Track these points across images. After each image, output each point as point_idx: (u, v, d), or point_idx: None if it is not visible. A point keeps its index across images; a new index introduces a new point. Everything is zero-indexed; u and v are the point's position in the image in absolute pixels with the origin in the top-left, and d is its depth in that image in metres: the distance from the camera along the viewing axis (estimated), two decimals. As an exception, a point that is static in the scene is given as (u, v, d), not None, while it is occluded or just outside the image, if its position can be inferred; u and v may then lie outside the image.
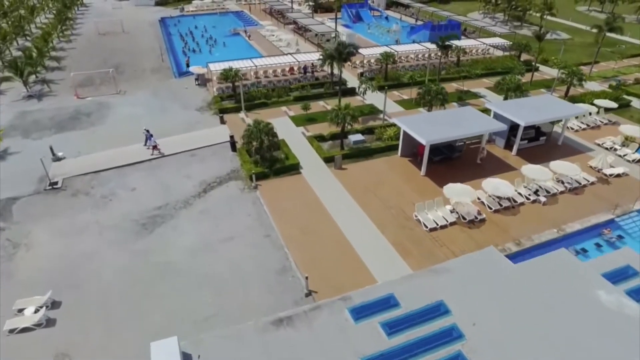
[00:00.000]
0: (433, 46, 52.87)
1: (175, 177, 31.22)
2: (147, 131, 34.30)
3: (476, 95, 45.89)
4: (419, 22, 75.99)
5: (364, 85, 38.77)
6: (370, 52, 49.66)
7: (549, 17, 73.56)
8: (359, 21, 77.13)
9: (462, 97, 44.57)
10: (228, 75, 39.44)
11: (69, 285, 22.19)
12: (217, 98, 42.43)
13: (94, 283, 22.48)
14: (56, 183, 30.60)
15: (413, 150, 33.55)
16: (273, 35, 64.29)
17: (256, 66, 44.74)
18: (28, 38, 65.09)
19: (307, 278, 21.09)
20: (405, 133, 32.21)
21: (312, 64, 48.13)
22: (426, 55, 54.28)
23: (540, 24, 70.52)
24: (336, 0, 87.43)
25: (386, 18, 79.84)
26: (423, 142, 29.44)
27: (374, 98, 42.46)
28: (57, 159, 33.48)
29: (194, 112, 41.60)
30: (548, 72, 53.64)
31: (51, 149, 33.45)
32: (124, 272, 23.18)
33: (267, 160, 30.92)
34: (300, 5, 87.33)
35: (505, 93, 38.86)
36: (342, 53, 37.12)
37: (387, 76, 47.38)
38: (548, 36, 55.83)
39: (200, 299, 21.52)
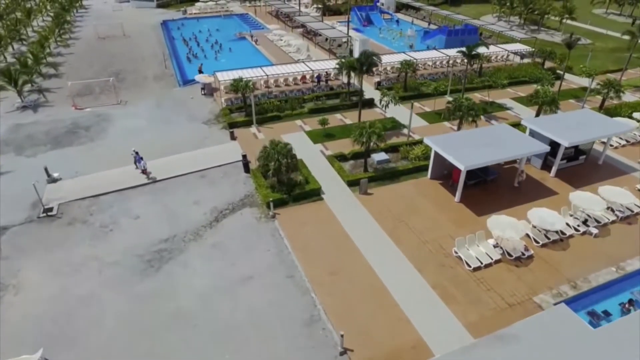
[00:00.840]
0: (454, 53, 50.01)
1: (183, 203, 28.16)
2: (137, 153, 30.94)
3: (502, 107, 42.90)
4: (433, 26, 72.98)
5: (385, 98, 35.74)
6: (388, 60, 46.59)
7: (568, 21, 70.56)
8: (369, 24, 74.12)
9: (488, 110, 41.56)
10: (238, 87, 36.37)
11: (64, 340, 19.14)
12: (225, 110, 39.37)
13: (92, 336, 19.42)
14: (51, 209, 27.54)
15: (444, 172, 30.58)
16: (281, 40, 61.23)
17: (267, 75, 41.65)
18: (24, 42, 61.96)
19: (342, 335, 18.06)
20: (436, 154, 29.23)
21: (326, 72, 45.10)
22: (445, 63, 51.31)
23: (561, 28, 67.67)
24: (344, 2, 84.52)
25: (397, 21, 76.81)
26: (461, 167, 26.43)
27: (395, 111, 39.41)
28: (52, 180, 30.42)
29: (200, 125, 38.53)
30: (574, 80, 50.65)
31: (46, 170, 30.37)
32: (126, 322, 20.14)
33: (285, 184, 27.89)
34: (307, 7, 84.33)
35: (540, 107, 35.85)
36: (364, 64, 34.04)
37: (406, 86, 44.36)
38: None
39: (216, 356, 18.50)
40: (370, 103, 41.80)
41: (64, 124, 39.31)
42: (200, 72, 47.38)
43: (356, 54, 54.55)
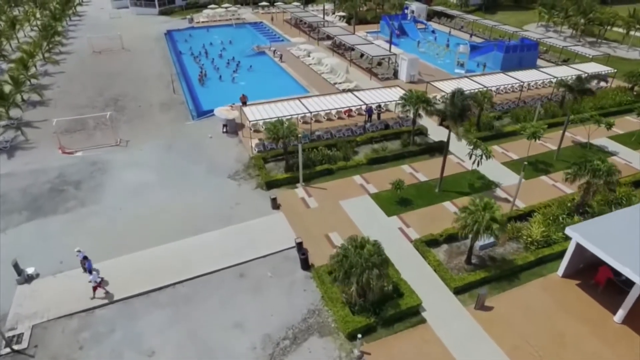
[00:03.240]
0: (533, 77, 41.23)
1: (218, 326, 19.03)
2: (81, 253, 21.40)
3: (603, 151, 34.01)
4: (477, 39, 64.07)
5: (477, 151, 26.74)
6: (452, 88, 37.46)
7: (637, 33, 61.57)
8: (402, 35, 65.15)
9: (589, 156, 32.63)
10: (279, 134, 27.22)
11: None
12: (257, 159, 30.23)
13: None
14: (19, 339, 18.39)
15: (579, 266, 21.69)
16: (309, 57, 52.11)
17: (310, 112, 32.46)
18: (5, 59, 52.48)
19: None
20: (578, 246, 20.33)
21: (379, 105, 36.03)
22: (518, 88, 42.43)
23: (627, 40, 59.01)
24: (368, 9, 75.83)
25: (433, 32, 67.85)
26: (637, 279, 17.50)
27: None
28: (24, 279, 21.26)
29: (227, 181, 29.38)
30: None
31: (16, 266, 21.17)
32: None
33: (368, 298, 18.81)
34: (328, 15, 75.26)
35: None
36: (458, 107, 24.82)
37: (479, 123, 35.40)
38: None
39: None
40: (441, 148, 32.74)
41: (47, 177, 30.07)
42: (244, 103, 37.29)
43: (402, 76, 45.80)
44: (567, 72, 43.04)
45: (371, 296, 18.27)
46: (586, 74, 42.10)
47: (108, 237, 24.15)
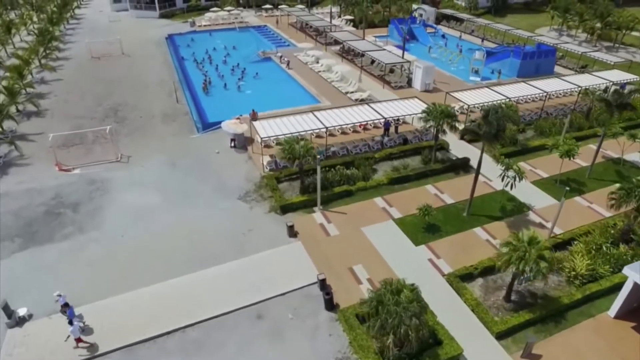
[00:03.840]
0: (556, 86, 39.12)
1: (234, 381, 16.90)
2: (61, 298, 19.04)
3: (637, 167, 31.91)
4: (488, 44, 61.95)
5: (510, 173, 24.56)
6: (475, 100, 35.41)
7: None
8: (412, 40, 62.99)
9: (623, 173, 30.65)
10: (295, 155, 24.98)
11: None
12: (270, 178, 28.05)
13: None
14: (10, 399, 16.22)
15: (633, 305, 19.59)
16: (318, 63, 49.93)
17: (326, 128, 30.22)
18: (0, 65, 50.18)
19: None
20: (635, 285, 18.23)
21: (397, 119, 33.85)
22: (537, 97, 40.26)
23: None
24: (375, 12, 73.89)
25: (443, 36, 65.74)
26: None
27: (494, 171, 28.01)
28: (15, 322, 19.07)
29: (237, 203, 27.18)
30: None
31: (6, 307, 18.96)
32: None
33: (405, 349, 16.63)
34: (334, 18, 73.04)
35: None
36: (493, 127, 22.59)
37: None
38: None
39: None
40: (465, 165, 30.65)
41: (42, 197, 27.86)
42: (254, 118, 33.97)
43: (417, 84, 43.67)
44: (590, 81, 40.98)
45: (409, 348, 16.10)
46: (611, 83, 40.31)
47: (108, 270, 21.95)
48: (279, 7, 77.43)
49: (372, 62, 49.18)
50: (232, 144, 33.11)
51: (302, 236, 23.73)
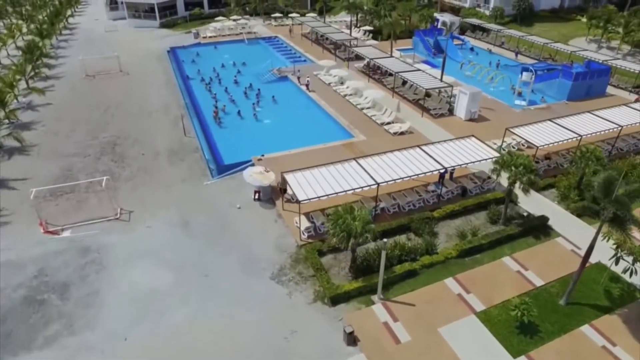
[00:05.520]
0: (629, 116, 33.43)
1: None
2: None
3: None
4: (525, 59, 56.34)
5: (624, 254, 18.82)
6: (542, 138, 29.68)
7: None
8: (439, 54, 57.33)
9: None
10: (351, 232, 19.18)
11: None
12: (310, 252, 22.23)
13: None
14: None
15: None
16: (343, 85, 44.19)
17: (377, 183, 24.19)
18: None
19: None
20: None
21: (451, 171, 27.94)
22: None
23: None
24: (388, 23, 68.19)
25: (471, 49, 60.11)
26: None
27: (583, 236, 22.23)
28: None
29: (269, 284, 21.39)
30: None
31: None
32: None
33: None
34: (347, 27, 67.24)
35: None
36: (627, 207, 16.88)
37: (581, 183, 27.57)
38: None
39: None
40: (544, 227, 24.96)
41: (21, 275, 22.05)
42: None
43: (461, 112, 38.04)
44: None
45: None
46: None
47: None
48: (290, 15, 71.57)
49: (404, 82, 43.47)
50: (256, 196, 27.30)
51: (364, 344, 17.95)
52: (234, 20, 68.64)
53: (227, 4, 75.49)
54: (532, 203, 26.66)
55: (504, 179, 24.90)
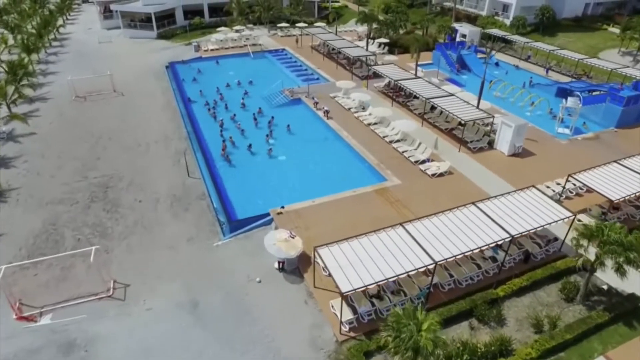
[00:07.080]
0: None
1: None
2: None
3: None
4: (556, 76, 51.73)
5: None
6: (616, 189, 25.00)
7: None
8: (463, 69, 52.77)
9: None
10: (418, 349, 14.47)
11: None
12: (355, 354, 17.45)
13: None
14: None
15: None
16: (365, 111, 39.43)
17: (435, 262, 19.37)
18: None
19: None
20: None
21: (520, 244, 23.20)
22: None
23: None
24: (406, 32, 63.72)
25: (496, 64, 55.34)
26: None
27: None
28: None
29: (306, 401, 16.72)
30: None
31: None
32: None
33: None
34: (361, 39, 62.50)
35: None
36: None
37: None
38: None
39: None
40: (635, 310, 20.28)
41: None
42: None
43: (504, 146, 33.39)
44: None
45: None
46: None
47: None
48: (296, 24, 66.68)
49: (433, 108, 38.78)
50: (280, 266, 22.53)
51: None
52: (237, 31, 63.66)
53: (229, 12, 70.45)
54: (610, 270, 22.00)
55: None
